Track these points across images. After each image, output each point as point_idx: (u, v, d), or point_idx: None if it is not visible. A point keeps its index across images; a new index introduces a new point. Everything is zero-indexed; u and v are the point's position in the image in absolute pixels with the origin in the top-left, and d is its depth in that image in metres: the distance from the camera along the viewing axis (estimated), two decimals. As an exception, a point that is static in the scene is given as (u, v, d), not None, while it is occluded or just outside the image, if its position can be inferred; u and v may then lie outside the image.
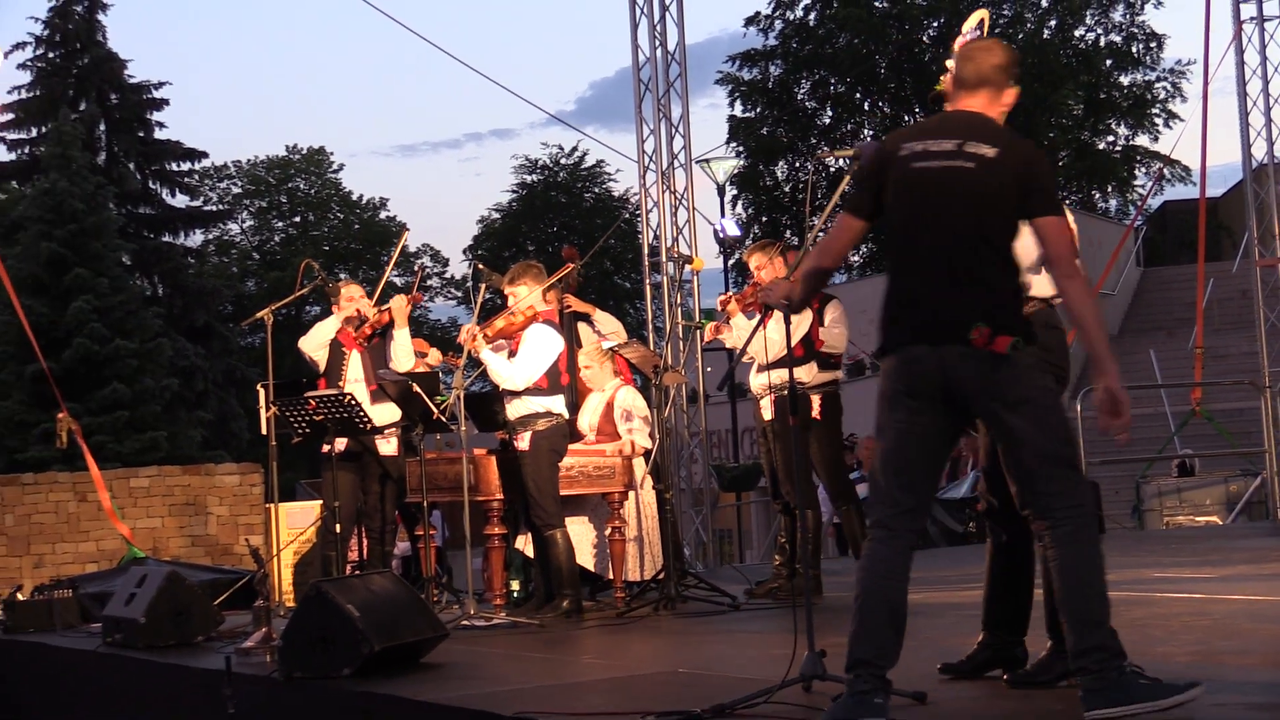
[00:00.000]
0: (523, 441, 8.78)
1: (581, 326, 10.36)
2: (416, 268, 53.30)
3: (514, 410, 8.88)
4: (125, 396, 30.34)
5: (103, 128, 38.45)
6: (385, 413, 9.61)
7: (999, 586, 5.46)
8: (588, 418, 9.79)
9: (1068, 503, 4.68)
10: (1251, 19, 17.18)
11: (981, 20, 5.71)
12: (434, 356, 10.29)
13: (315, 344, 9.97)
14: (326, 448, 9.60)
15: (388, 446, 9.87)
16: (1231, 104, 17.70)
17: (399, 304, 9.77)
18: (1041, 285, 5.33)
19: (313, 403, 9.23)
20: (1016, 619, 5.45)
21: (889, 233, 4.92)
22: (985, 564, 5.53)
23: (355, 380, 9.83)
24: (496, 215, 52.61)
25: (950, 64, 5.48)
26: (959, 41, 5.54)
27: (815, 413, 9.51)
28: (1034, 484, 4.71)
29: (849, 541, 10.10)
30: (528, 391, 8.80)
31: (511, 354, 8.87)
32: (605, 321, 10.51)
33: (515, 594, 9.90)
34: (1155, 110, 41.29)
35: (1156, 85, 41.37)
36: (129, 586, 8.57)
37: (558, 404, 8.92)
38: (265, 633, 7.56)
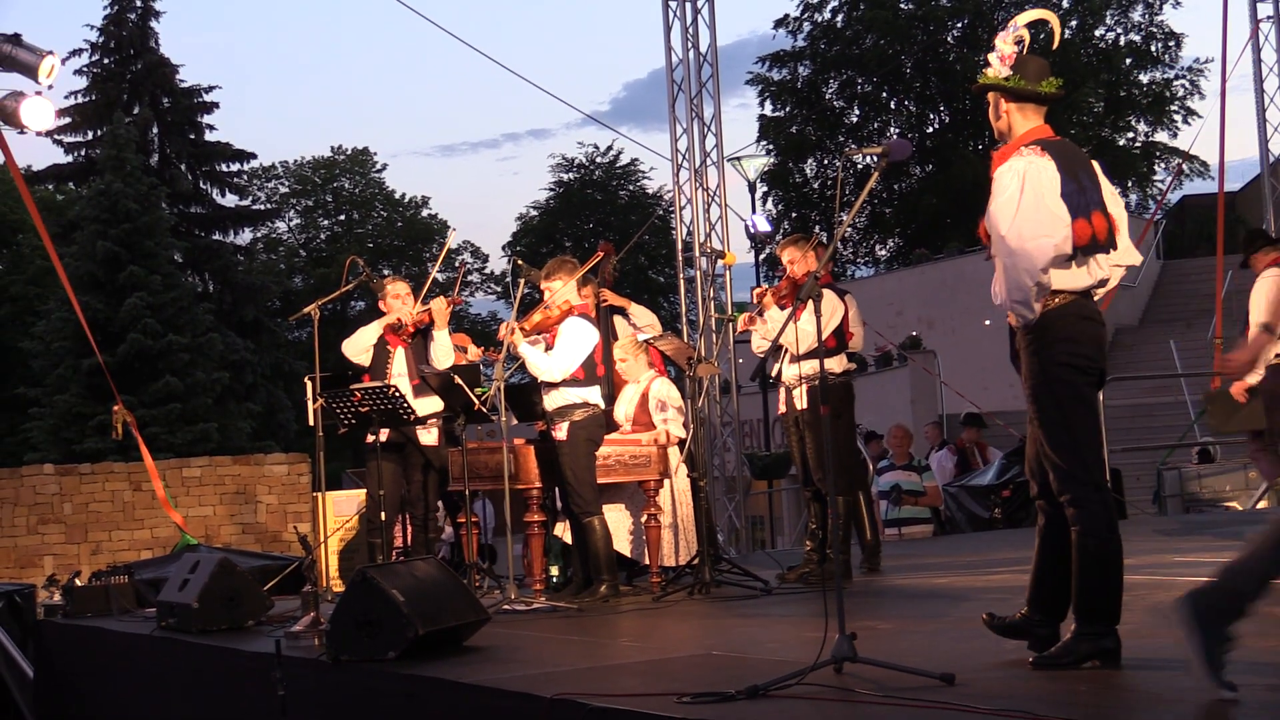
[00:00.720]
0: (560, 431, 8.79)
1: (617, 320, 10.35)
2: (459, 264, 53.46)
3: (552, 401, 8.88)
4: (178, 389, 30.49)
5: (155, 130, 38.65)
6: (427, 404, 9.64)
7: (1040, 564, 5.41)
8: (624, 408, 9.79)
9: None
10: (1268, 18, 17.07)
11: (1043, 21, 5.61)
12: (474, 352, 10.29)
13: (358, 349, 9.99)
14: (370, 438, 9.63)
15: (429, 436, 9.89)
16: (1249, 101, 17.60)
17: (439, 306, 9.79)
18: (1073, 277, 5.26)
19: (358, 395, 9.26)
20: (1057, 602, 5.38)
21: None
22: (1035, 544, 5.48)
23: (399, 375, 9.86)
24: (534, 213, 52.71)
25: (992, 57, 5.42)
26: (1003, 35, 5.44)
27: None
28: None
29: (857, 529, 10.01)
30: (565, 383, 8.80)
31: (549, 347, 8.87)
32: (640, 315, 10.50)
33: (554, 579, 9.90)
34: (1174, 107, 41.08)
35: (1175, 83, 41.18)
36: (182, 572, 8.60)
37: (594, 395, 8.92)
38: (313, 617, 7.57)
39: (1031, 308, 5.22)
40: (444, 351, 9.75)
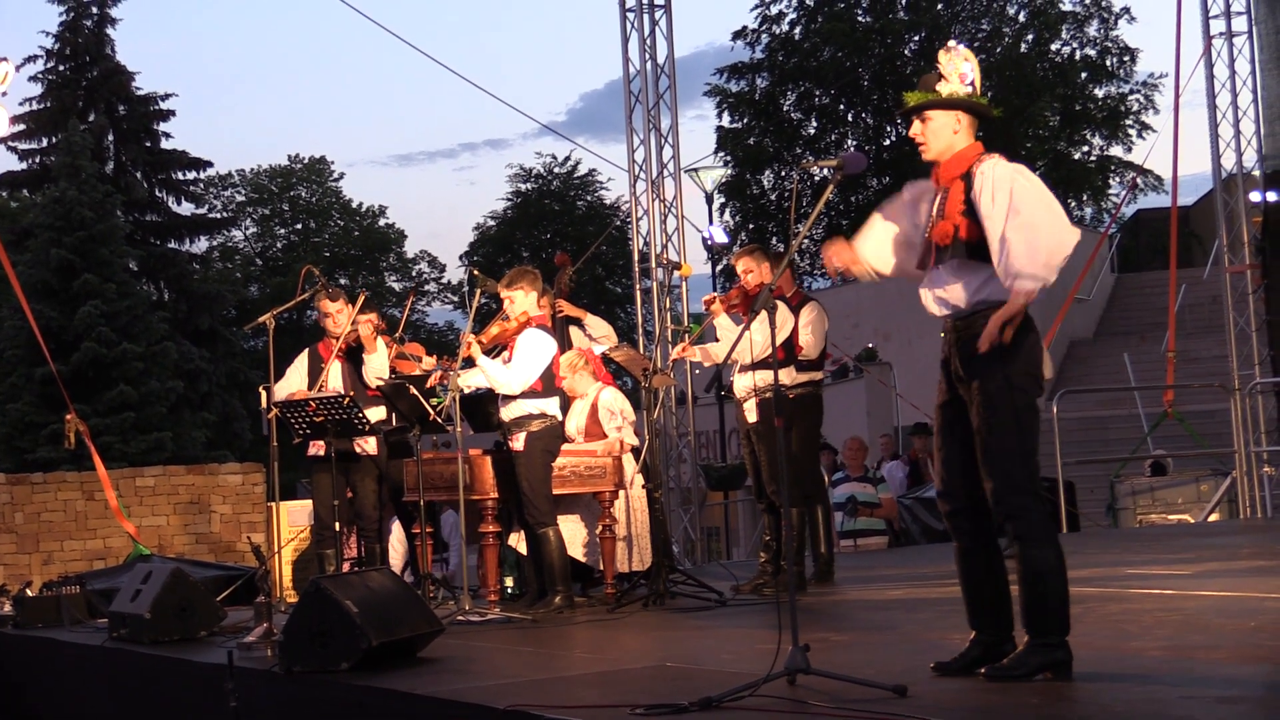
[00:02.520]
0: (517, 442, 8.78)
1: (573, 330, 10.35)
2: (414, 277, 53.46)
3: (509, 412, 8.87)
4: (132, 398, 30.28)
5: (111, 138, 38.38)
6: (370, 415, 9.59)
7: (972, 588, 5.43)
8: (574, 421, 9.77)
9: None
10: (1220, 34, 17.20)
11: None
12: (428, 362, 10.21)
13: (293, 387, 9.90)
14: (311, 450, 9.60)
15: (368, 445, 9.80)
16: (1202, 116, 17.74)
17: (367, 331, 9.73)
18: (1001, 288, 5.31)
19: (313, 405, 9.22)
20: (999, 618, 5.41)
21: None
22: (957, 568, 5.49)
23: (335, 388, 9.79)
24: (492, 222, 52.61)
25: (951, 75, 5.44)
26: (952, 56, 5.47)
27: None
28: None
29: (811, 539, 10.00)
30: (523, 394, 8.80)
31: (507, 360, 8.87)
32: (596, 326, 10.50)
33: (509, 590, 9.89)
34: (1129, 122, 41.32)
35: (1130, 97, 41.40)
36: (134, 583, 8.55)
37: (552, 406, 8.92)
38: (266, 628, 7.54)
39: (1054, 274, 5.23)
40: (376, 373, 9.70)
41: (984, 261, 5.30)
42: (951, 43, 5.45)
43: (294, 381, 9.94)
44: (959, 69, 5.44)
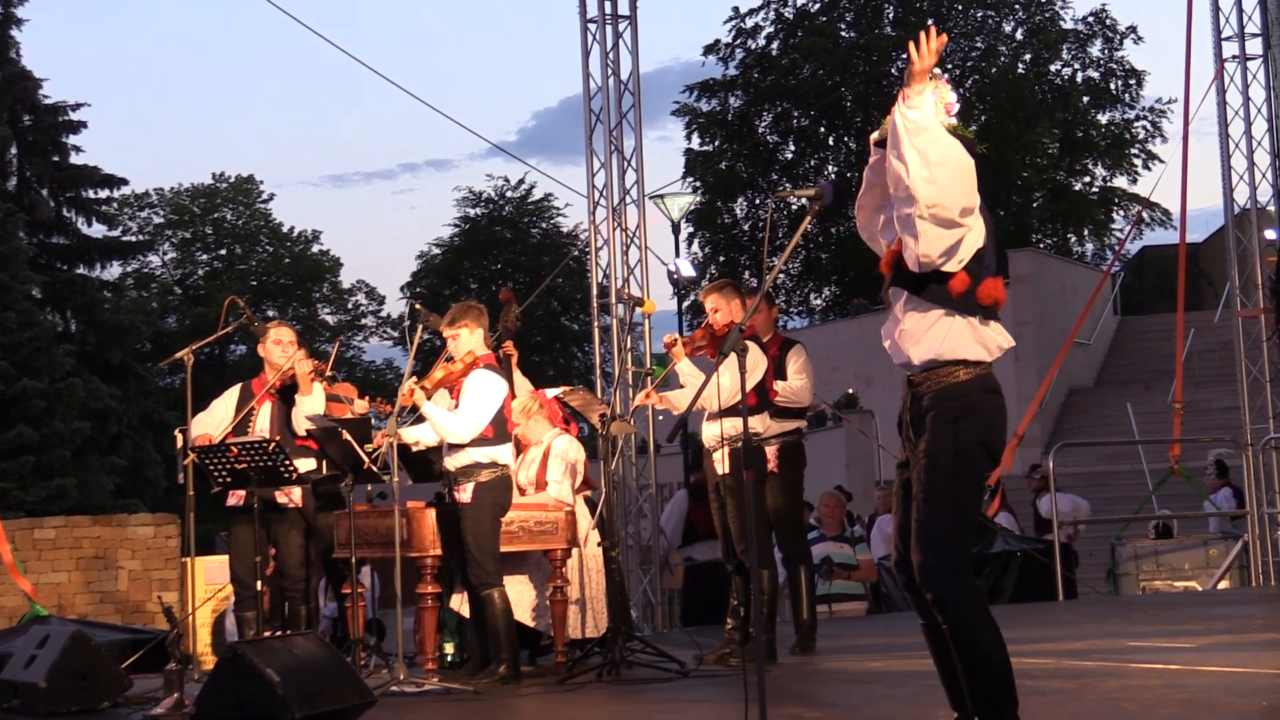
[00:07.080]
0: (464, 493, 8.75)
1: (517, 375, 10.35)
2: (349, 310, 53.34)
3: (455, 460, 8.85)
4: (32, 440, 30.13)
5: (14, 151, 38.25)
6: (299, 466, 9.55)
7: (946, 667, 5.40)
8: (525, 472, 9.75)
9: None
10: (1234, 58, 17.35)
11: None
12: (360, 405, 10.16)
13: (217, 423, 9.88)
14: (231, 500, 9.55)
15: (294, 495, 9.75)
16: (1213, 145, 18.02)
17: (303, 370, 9.71)
18: (986, 342, 5.34)
19: (234, 450, 9.16)
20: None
21: None
22: (929, 643, 5.47)
23: (262, 431, 9.75)
24: (437, 250, 52.57)
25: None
26: (938, 85, 5.54)
27: (772, 465, 9.54)
28: None
29: (793, 603, 10.03)
30: (473, 440, 8.78)
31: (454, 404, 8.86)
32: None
33: (449, 658, 9.85)
34: (1134, 150, 41.67)
35: (1135, 124, 41.76)
36: (29, 647, 8.47)
37: (504, 454, 8.91)
38: (177, 699, 7.51)
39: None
40: (309, 418, 9.67)
41: (932, 305, 5.34)
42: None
43: (218, 415, 9.88)
44: (945, 98, 5.51)
